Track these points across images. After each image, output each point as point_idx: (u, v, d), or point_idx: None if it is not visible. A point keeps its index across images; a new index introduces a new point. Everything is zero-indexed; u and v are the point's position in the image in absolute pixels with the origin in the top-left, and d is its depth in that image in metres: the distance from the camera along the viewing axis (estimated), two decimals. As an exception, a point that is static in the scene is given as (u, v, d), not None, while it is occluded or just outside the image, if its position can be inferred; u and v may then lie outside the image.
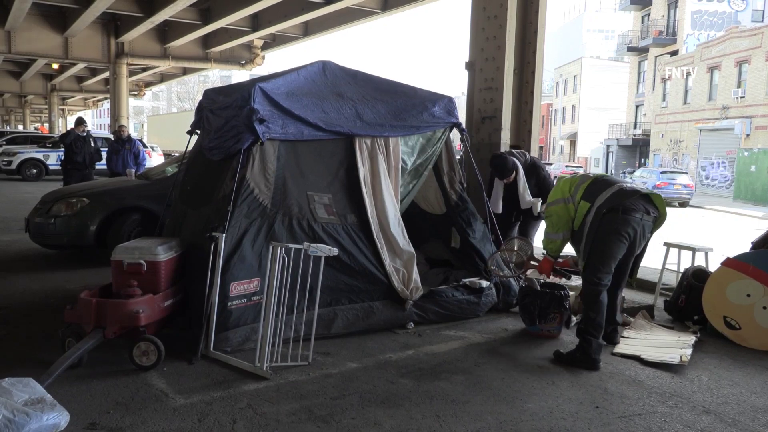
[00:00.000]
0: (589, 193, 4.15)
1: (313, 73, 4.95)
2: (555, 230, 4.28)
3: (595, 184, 4.20)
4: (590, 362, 4.01)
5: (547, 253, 4.42)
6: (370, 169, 4.82)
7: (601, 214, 4.03)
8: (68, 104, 42.17)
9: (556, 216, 4.25)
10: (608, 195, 4.07)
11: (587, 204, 4.12)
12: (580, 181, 4.27)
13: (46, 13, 19.15)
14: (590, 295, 4.09)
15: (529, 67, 7.47)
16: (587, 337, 4.04)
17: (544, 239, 4.41)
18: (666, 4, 36.21)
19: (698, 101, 31.25)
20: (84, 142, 10.73)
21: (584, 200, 4.14)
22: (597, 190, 4.15)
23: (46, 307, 5.06)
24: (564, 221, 4.23)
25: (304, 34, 20.01)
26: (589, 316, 4.07)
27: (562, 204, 4.25)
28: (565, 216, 4.22)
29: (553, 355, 4.18)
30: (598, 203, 4.08)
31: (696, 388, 3.78)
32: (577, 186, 4.23)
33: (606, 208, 4.02)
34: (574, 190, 4.23)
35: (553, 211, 4.28)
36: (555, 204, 4.29)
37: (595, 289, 4.06)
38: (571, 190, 4.23)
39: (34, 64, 25.25)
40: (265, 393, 3.46)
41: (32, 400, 2.87)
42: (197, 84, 55.27)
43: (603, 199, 4.07)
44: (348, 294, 4.52)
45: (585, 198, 4.15)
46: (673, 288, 5.66)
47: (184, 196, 5.08)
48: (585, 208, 4.13)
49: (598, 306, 4.06)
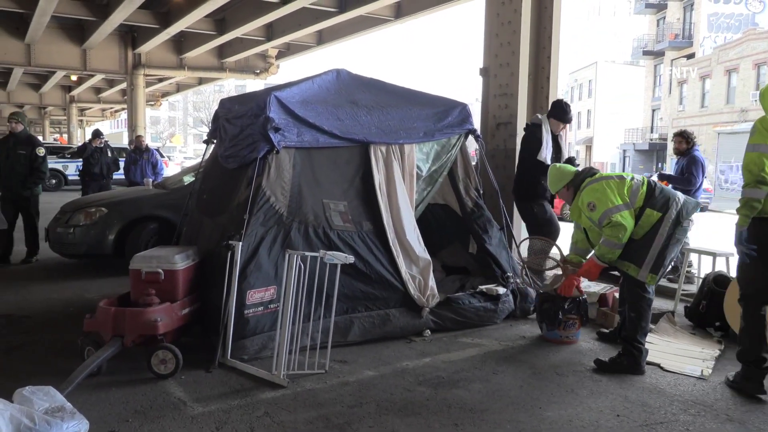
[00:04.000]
0: (655, 201, 3.98)
1: (327, 82, 4.97)
2: (622, 241, 3.94)
3: (653, 191, 4.03)
4: (637, 368, 4.00)
5: (599, 260, 4.13)
6: (386, 176, 4.82)
7: (675, 225, 3.94)
8: (86, 115, 42.76)
9: (625, 227, 3.92)
10: (679, 207, 3.97)
11: (656, 213, 3.95)
12: (633, 185, 4.03)
13: (65, 26, 19.48)
14: (645, 304, 4.06)
15: (543, 73, 7.43)
16: (636, 344, 4.02)
17: (603, 248, 4.03)
18: (682, 7, 35.93)
19: (716, 104, 30.90)
20: (101, 153, 10.86)
21: (651, 209, 3.95)
22: (663, 198, 3.99)
23: (65, 316, 5.12)
24: (630, 231, 3.94)
25: (318, 42, 20.13)
26: (641, 324, 4.05)
27: (626, 210, 3.94)
28: (632, 225, 3.95)
29: (594, 364, 4.12)
30: (672, 214, 3.94)
31: (719, 395, 3.71)
32: (633, 190, 4.01)
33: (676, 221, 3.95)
34: (629, 195, 4.00)
35: (622, 218, 3.92)
36: (618, 211, 3.94)
37: (649, 298, 4.06)
38: (628, 195, 4.00)
39: (53, 76, 25.65)
40: (283, 401, 3.46)
41: (53, 408, 2.89)
42: (213, 93, 55.74)
43: (675, 210, 3.95)
44: (364, 301, 4.51)
45: (651, 207, 3.96)
46: (693, 294, 5.57)
47: (201, 205, 5.12)
48: (654, 217, 3.95)
49: (649, 314, 4.08)
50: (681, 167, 6.89)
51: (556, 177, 4.42)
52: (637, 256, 4.00)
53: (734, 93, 29.57)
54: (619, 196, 3.99)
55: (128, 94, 22.51)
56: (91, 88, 30.99)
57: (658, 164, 37.93)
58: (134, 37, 20.79)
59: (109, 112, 42.78)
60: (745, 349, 3.75)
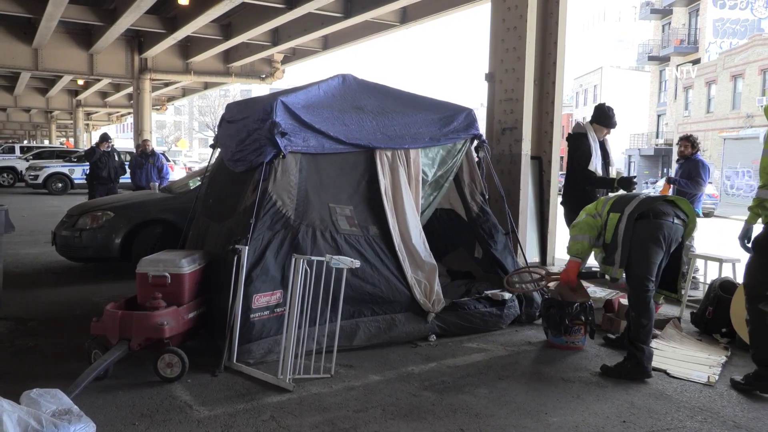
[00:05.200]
0: (617, 205, 4.27)
1: (332, 87, 4.99)
2: (581, 233, 4.35)
3: (620, 198, 4.37)
4: (642, 372, 3.99)
5: (572, 257, 4.42)
6: (391, 181, 4.83)
7: (633, 219, 4.10)
8: (93, 119, 42.99)
9: (583, 224, 4.37)
10: (636, 203, 4.18)
11: (617, 214, 4.21)
12: (605, 200, 4.44)
13: (72, 30, 19.62)
14: (640, 303, 4.07)
15: (549, 78, 7.44)
16: (639, 345, 4.01)
17: (569, 244, 4.44)
18: (687, 13, 35.90)
19: (722, 110, 30.82)
20: (108, 156, 10.92)
21: (613, 212, 4.25)
22: (624, 201, 4.28)
23: (72, 319, 5.14)
24: (589, 228, 4.33)
25: (324, 47, 20.20)
26: (641, 323, 4.04)
27: (588, 217, 4.39)
28: (592, 226, 4.33)
29: (601, 370, 4.12)
30: (628, 210, 4.16)
31: (726, 402, 3.70)
32: (603, 204, 4.40)
33: (637, 214, 4.10)
34: (600, 207, 4.39)
35: (580, 222, 4.42)
36: (580, 219, 4.44)
37: (645, 296, 4.05)
38: (598, 208, 4.39)
39: (60, 81, 25.82)
40: (288, 405, 3.46)
41: (60, 411, 2.90)
42: (218, 98, 55.99)
43: (632, 206, 4.17)
44: (370, 306, 4.52)
45: (613, 210, 4.26)
46: (699, 299, 5.55)
47: (207, 209, 5.14)
48: (615, 218, 4.21)
49: (649, 313, 4.06)
50: (686, 171, 6.86)
51: None
52: (609, 257, 4.24)
53: (740, 99, 29.48)
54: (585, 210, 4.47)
55: (134, 98, 22.64)
56: (97, 93, 31.17)
57: (664, 169, 37.84)
58: (141, 42, 20.92)
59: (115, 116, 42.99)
60: (759, 350, 3.83)
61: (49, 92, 30.25)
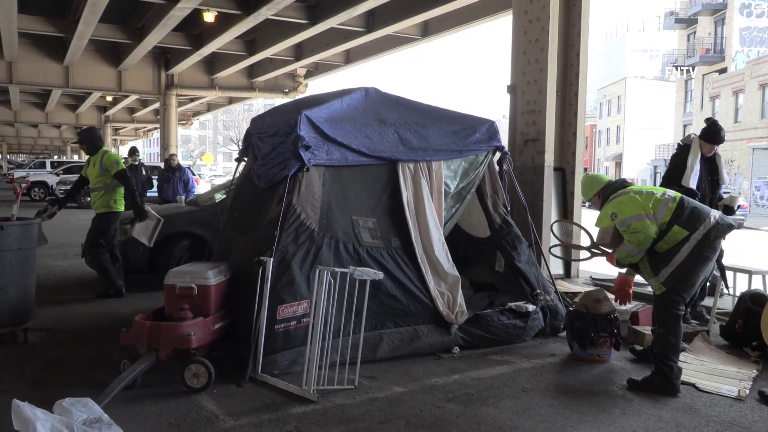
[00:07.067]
0: (688, 222, 3.92)
1: (355, 100, 5.05)
2: (639, 246, 3.94)
3: (692, 213, 3.96)
4: (671, 388, 3.91)
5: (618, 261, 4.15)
6: (414, 194, 4.86)
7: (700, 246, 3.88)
8: (120, 134, 43.94)
9: (644, 234, 3.90)
10: (710, 227, 3.90)
11: (684, 232, 3.90)
12: (661, 200, 4.00)
13: (101, 48, 20.17)
14: (672, 320, 3.97)
15: (571, 89, 7.43)
16: (668, 362, 3.94)
17: (621, 252, 4.05)
18: (713, 22, 35.46)
19: (750, 119, 30.28)
20: (136, 170, 11.14)
21: (679, 226, 3.91)
22: (695, 218, 3.94)
23: (101, 330, 5.24)
24: (649, 240, 3.92)
25: (346, 61, 20.43)
26: (670, 341, 3.96)
27: (646, 221, 3.91)
28: (651, 235, 3.92)
29: (627, 383, 4.06)
30: (697, 236, 3.89)
31: (757, 417, 3.62)
32: (661, 205, 3.97)
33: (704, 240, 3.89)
34: (658, 208, 3.96)
35: (640, 227, 3.90)
36: (638, 219, 3.92)
37: (678, 314, 3.97)
38: (654, 209, 3.97)
39: (90, 97, 26.49)
40: (313, 416, 3.48)
41: (90, 419, 2.97)
42: (242, 113, 56.70)
43: (704, 231, 3.89)
44: (393, 318, 4.53)
45: (679, 224, 3.91)
46: (728, 312, 5.45)
47: (232, 222, 5.22)
48: (681, 235, 3.90)
49: (679, 330, 3.98)
50: None
51: (588, 185, 4.47)
52: (655, 265, 3.99)
53: (769, 108, 28.97)
54: (642, 208, 3.97)
55: (161, 113, 23.13)
56: (125, 108, 31.91)
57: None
58: (167, 59, 21.40)
59: (142, 131, 43.88)
60: None
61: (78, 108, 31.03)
